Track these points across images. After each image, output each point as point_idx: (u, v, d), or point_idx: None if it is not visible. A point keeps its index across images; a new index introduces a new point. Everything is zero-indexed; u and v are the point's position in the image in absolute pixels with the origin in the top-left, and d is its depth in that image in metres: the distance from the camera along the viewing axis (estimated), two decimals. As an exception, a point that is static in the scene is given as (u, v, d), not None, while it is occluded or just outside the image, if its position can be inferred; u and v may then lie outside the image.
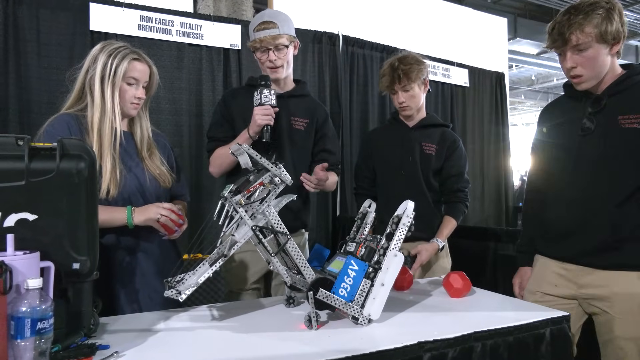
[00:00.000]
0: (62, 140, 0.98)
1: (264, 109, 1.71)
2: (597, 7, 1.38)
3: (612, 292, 1.44)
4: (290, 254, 1.24)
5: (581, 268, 1.51)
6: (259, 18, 1.82)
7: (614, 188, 1.44)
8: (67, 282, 0.99)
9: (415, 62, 1.98)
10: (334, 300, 1.18)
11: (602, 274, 1.46)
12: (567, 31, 1.40)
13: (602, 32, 1.38)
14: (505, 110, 4.62)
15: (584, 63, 1.43)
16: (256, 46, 1.81)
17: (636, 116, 1.40)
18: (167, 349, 1.04)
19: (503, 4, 8.12)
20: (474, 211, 4.20)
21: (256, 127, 1.71)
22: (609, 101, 1.45)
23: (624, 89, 1.45)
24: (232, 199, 1.21)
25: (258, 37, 1.79)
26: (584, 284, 1.51)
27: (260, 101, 1.71)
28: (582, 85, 1.48)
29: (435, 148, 2.05)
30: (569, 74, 1.48)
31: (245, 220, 1.21)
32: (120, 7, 2.71)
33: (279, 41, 1.78)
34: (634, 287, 1.42)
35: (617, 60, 1.47)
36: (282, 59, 1.82)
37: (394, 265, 1.22)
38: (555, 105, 1.71)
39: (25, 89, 2.48)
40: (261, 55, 1.82)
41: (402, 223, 1.26)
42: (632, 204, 1.42)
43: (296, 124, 1.90)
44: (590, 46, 1.40)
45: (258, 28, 1.79)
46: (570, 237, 1.53)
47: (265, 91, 1.72)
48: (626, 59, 9.66)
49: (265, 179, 1.24)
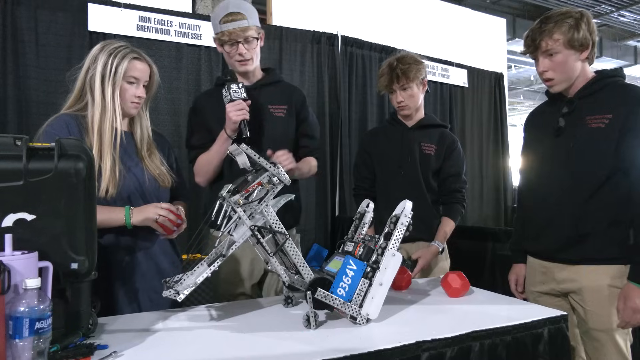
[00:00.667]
0: (60, 140, 0.98)
1: (236, 104, 1.63)
2: (568, 17, 1.51)
3: (583, 286, 1.53)
4: (289, 253, 1.24)
5: (556, 264, 1.60)
6: (223, 9, 1.71)
7: (579, 185, 1.53)
8: (65, 282, 0.99)
9: (413, 62, 1.99)
10: (332, 299, 1.18)
11: (573, 269, 1.55)
12: (538, 38, 1.54)
13: (569, 39, 1.50)
14: (504, 111, 4.63)
15: (554, 67, 1.55)
16: (224, 39, 1.71)
17: (601, 116, 1.50)
18: (166, 349, 1.04)
19: (502, 5, 8.13)
20: (473, 211, 4.21)
21: (232, 125, 1.64)
22: (579, 103, 1.56)
23: (593, 91, 1.55)
24: (230, 199, 1.21)
25: (226, 29, 1.69)
26: (560, 279, 1.59)
27: (231, 97, 1.64)
28: (554, 88, 1.59)
29: (434, 148, 2.06)
30: (542, 78, 1.60)
31: (243, 220, 1.21)
32: (118, 8, 2.71)
33: (248, 33, 1.71)
34: (600, 280, 1.50)
35: (588, 65, 1.58)
36: (252, 51, 1.75)
37: (392, 265, 1.22)
38: (537, 109, 1.82)
39: (23, 89, 2.48)
40: (230, 48, 1.73)
41: (400, 223, 1.26)
42: (595, 200, 1.50)
43: (276, 111, 1.84)
44: (559, 51, 1.52)
45: (225, 20, 1.69)
46: (544, 234, 1.62)
47: (233, 86, 1.64)
48: (625, 60, 9.69)
49: (263, 179, 1.25)
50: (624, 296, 1.44)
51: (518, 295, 1.76)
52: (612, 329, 1.48)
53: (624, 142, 1.46)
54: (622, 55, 9.55)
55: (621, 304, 1.45)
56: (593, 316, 1.51)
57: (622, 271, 1.47)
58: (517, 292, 1.77)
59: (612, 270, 1.49)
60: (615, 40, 9.37)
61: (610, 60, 9.44)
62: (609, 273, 1.49)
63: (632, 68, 10.32)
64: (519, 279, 1.77)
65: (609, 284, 1.49)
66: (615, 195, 1.48)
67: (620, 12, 7.75)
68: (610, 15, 7.88)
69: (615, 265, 1.49)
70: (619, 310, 1.45)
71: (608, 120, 1.48)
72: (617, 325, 1.47)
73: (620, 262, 1.48)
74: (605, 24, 8.52)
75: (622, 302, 1.44)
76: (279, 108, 1.85)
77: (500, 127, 4.57)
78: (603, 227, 1.49)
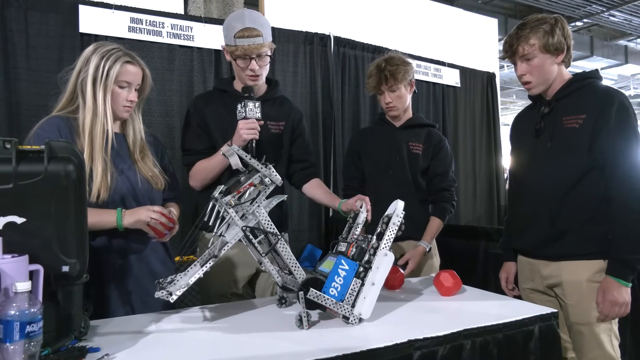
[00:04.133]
0: (49, 143, 0.98)
1: (250, 122, 1.60)
2: (543, 23, 1.57)
3: (563, 281, 1.58)
4: (281, 254, 1.25)
5: (539, 261, 1.65)
6: (239, 21, 1.68)
7: (556, 183, 1.58)
8: (56, 285, 0.99)
9: (401, 63, 2.02)
10: (325, 299, 1.19)
11: (555, 265, 1.60)
12: (515, 43, 1.60)
13: (545, 43, 1.56)
14: (496, 110, 4.65)
15: (531, 71, 1.61)
16: (237, 54, 1.69)
17: (576, 117, 1.56)
18: (159, 351, 1.04)
19: (493, 5, 8.17)
20: (466, 210, 4.22)
21: (241, 142, 1.60)
22: (556, 104, 1.62)
23: (569, 93, 1.61)
24: (222, 200, 1.21)
25: (240, 44, 1.67)
26: (545, 275, 1.64)
27: (245, 115, 1.61)
28: (532, 90, 1.66)
29: (422, 147, 2.09)
30: (520, 81, 1.67)
31: (235, 221, 1.21)
32: (110, 9, 2.69)
33: (262, 50, 1.70)
34: (578, 275, 1.55)
35: (565, 67, 1.64)
36: (263, 67, 1.74)
37: (384, 265, 1.23)
38: (521, 112, 1.89)
39: (14, 91, 2.46)
40: (242, 63, 1.72)
41: (392, 222, 1.27)
42: (572, 198, 1.55)
43: (273, 127, 1.84)
44: (535, 56, 1.58)
45: (240, 35, 1.66)
46: (526, 232, 1.68)
47: (250, 104, 1.61)
48: (616, 59, 9.77)
49: (255, 180, 1.25)
50: (603, 289, 1.49)
51: (509, 293, 1.79)
52: (591, 322, 1.52)
53: (597, 141, 1.50)
54: (612, 54, 9.64)
55: (600, 297, 1.49)
56: (574, 310, 1.56)
57: (601, 266, 1.52)
58: (508, 289, 1.80)
59: (591, 265, 1.53)
60: (606, 40, 9.45)
61: (601, 59, 9.52)
62: (588, 268, 1.53)
63: (623, 67, 10.42)
64: (510, 277, 1.81)
65: (588, 278, 1.53)
66: (591, 193, 1.53)
67: (611, 12, 7.82)
68: (601, 15, 7.95)
69: (594, 261, 1.53)
70: (598, 304, 1.50)
71: (582, 120, 1.53)
72: (597, 319, 1.51)
73: (598, 257, 1.53)
74: (596, 24, 8.59)
75: (600, 295, 1.49)
76: (277, 125, 1.85)
77: (493, 126, 4.59)
78: (580, 223, 1.54)
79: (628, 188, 1.47)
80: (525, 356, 1.21)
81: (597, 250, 1.53)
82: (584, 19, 7.95)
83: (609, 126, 1.49)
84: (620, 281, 1.46)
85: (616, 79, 11.35)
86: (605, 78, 10.47)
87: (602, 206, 1.52)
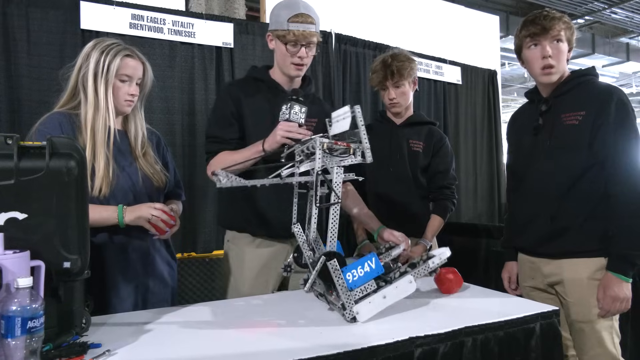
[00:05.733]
0: (51, 139, 0.98)
1: (291, 126, 1.52)
2: (562, 17, 1.59)
3: (564, 279, 1.58)
4: (330, 217, 1.24)
5: (540, 259, 1.65)
6: (293, 7, 1.63)
7: (556, 181, 1.58)
8: (58, 281, 0.99)
9: (407, 60, 2.03)
10: (339, 277, 1.19)
11: (556, 263, 1.60)
12: (550, 22, 1.55)
13: (567, 34, 1.58)
14: (497, 108, 4.64)
15: (557, 55, 1.57)
16: (289, 38, 1.63)
17: (575, 113, 1.55)
18: (159, 347, 1.04)
19: (495, 2, 8.14)
20: (467, 208, 4.22)
21: (275, 144, 1.53)
22: (554, 101, 1.61)
23: (568, 90, 1.60)
24: (317, 137, 1.25)
25: (294, 29, 1.61)
26: (546, 273, 1.64)
27: (289, 117, 1.52)
28: (552, 77, 1.60)
29: (422, 145, 2.09)
30: (543, 64, 1.58)
31: (317, 161, 1.23)
32: (111, 6, 2.69)
33: (313, 39, 1.66)
34: (579, 272, 1.55)
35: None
36: (310, 57, 1.69)
37: (402, 289, 1.26)
38: (518, 110, 1.88)
39: (15, 88, 2.46)
40: (292, 48, 1.65)
41: (430, 260, 1.33)
42: (572, 195, 1.55)
43: (306, 125, 1.75)
44: (563, 41, 1.57)
45: (294, 19, 1.61)
46: (526, 230, 1.67)
47: (296, 107, 1.53)
48: (617, 56, 9.73)
49: (353, 145, 1.26)
50: (604, 286, 1.49)
51: (512, 293, 1.78)
52: (592, 320, 1.52)
53: (597, 137, 1.50)
54: (614, 52, 9.60)
55: (601, 293, 1.49)
56: (575, 308, 1.56)
57: (602, 264, 1.52)
58: (511, 289, 1.79)
59: (592, 263, 1.53)
60: (608, 37, 9.41)
61: (603, 57, 9.49)
62: (589, 266, 1.53)
63: (624, 65, 10.38)
64: (512, 277, 1.80)
65: (588, 276, 1.53)
66: (591, 190, 1.53)
67: (613, 9, 7.79)
68: (603, 13, 7.91)
69: (595, 259, 1.53)
70: (599, 300, 1.50)
71: (581, 117, 1.53)
72: (598, 315, 1.51)
73: (599, 255, 1.52)
74: (598, 21, 8.55)
75: (601, 291, 1.49)
76: (310, 122, 1.75)
77: (494, 124, 4.59)
78: (580, 221, 1.54)
79: (628, 184, 1.47)
80: (526, 354, 1.21)
81: (598, 248, 1.52)
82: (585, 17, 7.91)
83: (609, 122, 1.49)
84: (620, 277, 1.46)
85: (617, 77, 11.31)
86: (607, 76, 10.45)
87: (603, 203, 1.51)
